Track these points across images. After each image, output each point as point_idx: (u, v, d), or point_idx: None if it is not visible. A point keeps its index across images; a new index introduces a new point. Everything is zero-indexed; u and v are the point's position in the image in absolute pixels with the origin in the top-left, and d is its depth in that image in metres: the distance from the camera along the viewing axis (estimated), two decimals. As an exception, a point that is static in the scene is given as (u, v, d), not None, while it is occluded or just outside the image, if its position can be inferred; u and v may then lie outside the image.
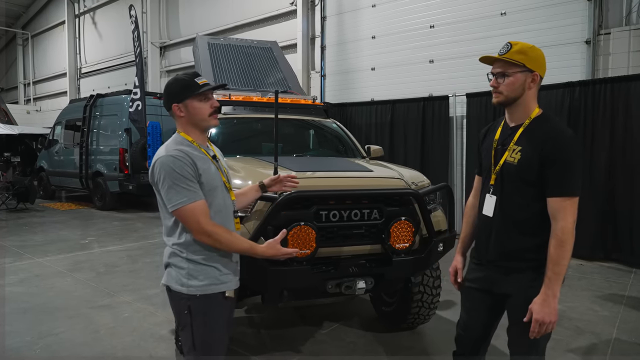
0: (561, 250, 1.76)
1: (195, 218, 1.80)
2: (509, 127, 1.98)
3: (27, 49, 23.36)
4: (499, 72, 1.91)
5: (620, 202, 5.97)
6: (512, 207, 1.92)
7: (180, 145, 1.89)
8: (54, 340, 3.56)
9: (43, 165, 12.73)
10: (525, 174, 1.86)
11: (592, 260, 6.07)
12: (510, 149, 1.92)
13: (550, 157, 1.79)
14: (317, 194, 2.91)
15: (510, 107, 1.95)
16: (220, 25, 13.13)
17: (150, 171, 1.90)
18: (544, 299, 1.78)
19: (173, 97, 1.93)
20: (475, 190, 2.21)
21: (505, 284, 1.95)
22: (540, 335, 1.80)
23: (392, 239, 2.96)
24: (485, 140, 2.14)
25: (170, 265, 1.93)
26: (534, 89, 1.92)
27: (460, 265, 2.24)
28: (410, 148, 8.36)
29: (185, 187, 1.81)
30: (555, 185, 1.79)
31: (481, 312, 2.09)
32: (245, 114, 4.83)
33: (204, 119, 1.94)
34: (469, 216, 2.24)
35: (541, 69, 1.90)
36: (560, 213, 1.78)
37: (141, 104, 9.23)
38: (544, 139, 1.82)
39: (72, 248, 6.71)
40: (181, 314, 1.91)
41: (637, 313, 4.26)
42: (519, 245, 1.91)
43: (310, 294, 3.13)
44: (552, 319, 1.77)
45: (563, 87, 6.41)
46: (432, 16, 8.73)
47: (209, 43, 6.55)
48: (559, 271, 1.77)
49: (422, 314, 3.58)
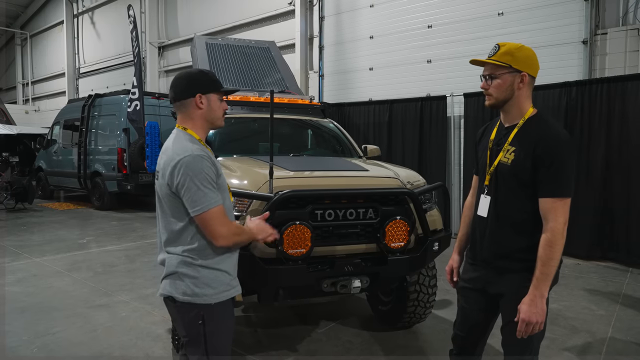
0: (550, 250, 1.76)
1: (221, 220, 1.78)
2: (504, 127, 1.99)
3: (26, 48, 23.32)
4: (488, 74, 1.92)
5: (616, 202, 5.99)
6: (506, 208, 1.93)
7: (195, 144, 1.84)
8: (51, 340, 3.57)
9: (41, 165, 12.72)
10: (518, 174, 1.86)
11: (589, 260, 6.09)
12: (505, 150, 1.92)
13: (542, 158, 1.79)
14: (313, 193, 2.93)
15: (503, 108, 1.95)
16: (218, 25, 13.13)
17: (170, 169, 1.77)
18: (532, 299, 1.77)
19: (200, 86, 1.88)
20: (474, 189, 2.22)
21: (498, 284, 1.96)
22: (528, 335, 1.79)
23: (388, 238, 2.97)
24: (482, 140, 2.14)
25: (178, 275, 1.82)
26: (525, 89, 1.91)
27: (456, 264, 2.25)
28: (408, 148, 8.37)
29: (212, 190, 1.77)
30: (547, 185, 1.79)
31: (476, 311, 2.10)
32: (242, 114, 4.84)
33: (219, 117, 1.94)
34: (466, 216, 2.24)
35: (531, 69, 1.89)
36: (551, 214, 1.78)
37: (139, 104, 9.23)
38: (537, 140, 1.82)
39: (70, 248, 6.71)
40: (192, 324, 1.82)
41: (633, 312, 4.27)
42: (513, 246, 1.91)
43: (306, 292, 3.14)
44: (539, 319, 1.76)
45: (560, 87, 6.43)
46: (430, 16, 8.74)
47: (207, 43, 6.56)
48: (547, 271, 1.77)
49: (418, 313, 3.59)
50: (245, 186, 3.01)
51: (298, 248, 2.76)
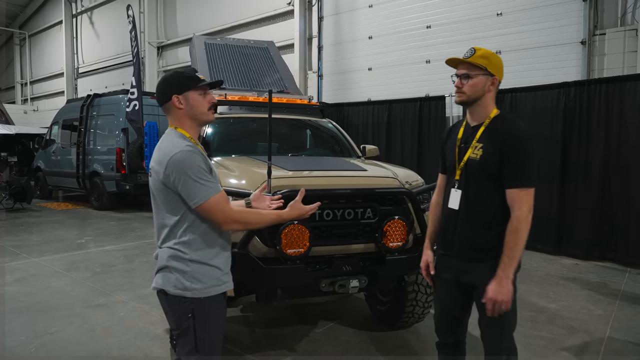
0: (516, 236, 1.93)
1: (222, 207, 1.82)
2: (471, 126, 2.16)
3: (25, 48, 23.31)
4: (463, 74, 2.08)
5: (615, 202, 5.99)
6: (476, 200, 2.09)
7: (184, 140, 1.86)
8: (50, 340, 3.57)
9: (40, 165, 12.70)
10: (487, 168, 2.03)
11: (587, 260, 6.10)
12: (473, 146, 2.09)
13: (508, 153, 1.97)
14: (311, 192, 2.92)
15: (471, 107, 2.13)
16: (217, 25, 13.14)
17: (164, 167, 1.80)
18: (498, 280, 1.94)
19: (174, 88, 1.91)
20: (439, 188, 2.37)
21: (470, 274, 2.09)
22: (496, 313, 1.95)
23: (386, 237, 2.97)
24: (448, 140, 2.29)
25: (169, 269, 1.85)
26: (493, 92, 2.10)
27: (430, 259, 2.35)
28: (407, 148, 8.38)
29: (208, 180, 1.80)
30: (513, 178, 1.97)
31: (451, 298, 2.24)
32: (241, 114, 4.84)
33: (203, 112, 1.94)
34: (434, 214, 2.38)
35: (500, 74, 2.08)
36: (517, 203, 1.95)
37: (138, 104, 9.20)
38: (503, 137, 2.00)
39: (68, 248, 6.71)
40: (182, 318, 1.85)
41: (631, 312, 4.28)
42: (483, 236, 2.06)
43: (304, 292, 3.14)
44: (504, 298, 1.92)
45: (558, 87, 6.43)
46: (429, 17, 8.76)
47: (206, 43, 6.55)
48: (512, 255, 1.94)
49: (417, 313, 3.59)
50: (243, 186, 3.01)
51: (296, 248, 2.76)
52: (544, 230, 6.47)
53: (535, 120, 6.53)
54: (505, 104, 6.83)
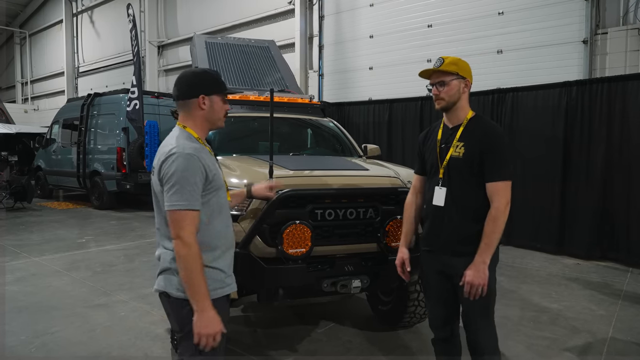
0: (494, 225, 2.08)
1: (185, 224, 1.72)
2: (449, 128, 2.30)
3: (25, 47, 23.31)
4: (438, 82, 2.23)
5: (616, 201, 5.97)
6: (462, 195, 2.21)
7: (192, 142, 1.84)
8: (50, 339, 3.56)
9: (40, 164, 12.69)
10: (470, 165, 2.17)
11: (589, 260, 6.08)
12: (454, 146, 2.22)
13: (487, 150, 2.13)
14: (313, 192, 2.91)
15: (449, 111, 2.27)
16: (218, 24, 13.13)
17: (160, 162, 1.79)
18: (475, 265, 2.08)
19: (203, 87, 1.88)
20: (414, 188, 2.50)
21: (455, 267, 2.18)
22: (473, 297, 2.08)
23: (388, 237, 2.96)
24: (427, 142, 2.42)
25: (171, 271, 1.82)
26: (467, 93, 2.27)
27: (406, 256, 2.44)
28: (408, 147, 8.36)
29: (189, 191, 1.74)
30: (491, 172, 2.13)
31: (440, 292, 2.34)
32: (242, 113, 4.83)
33: (220, 118, 1.95)
34: (409, 214, 2.49)
35: (470, 76, 2.26)
36: (496, 195, 2.11)
37: (139, 103, 9.21)
38: (481, 136, 2.17)
39: (69, 247, 6.70)
40: (185, 321, 1.81)
41: (633, 312, 4.26)
42: (467, 230, 2.18)
43: (306, 292, 3.12)
44: (480, 281, 2.06)
45: (560, 86, 6.41)
46: (430, 15, 8.74)
47: (207, 42, 6.54)
48: (490, 242, 2.08)
49: (419, 313, 3.57)
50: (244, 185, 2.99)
51: (298, 247, 2.75)
52: (545, 230, 6.46)
53: (537, 120, 6.52)
54: (507, 103, 6.81)
